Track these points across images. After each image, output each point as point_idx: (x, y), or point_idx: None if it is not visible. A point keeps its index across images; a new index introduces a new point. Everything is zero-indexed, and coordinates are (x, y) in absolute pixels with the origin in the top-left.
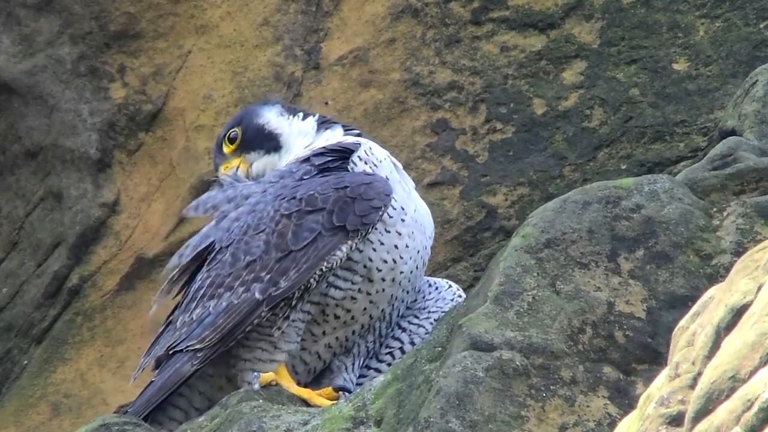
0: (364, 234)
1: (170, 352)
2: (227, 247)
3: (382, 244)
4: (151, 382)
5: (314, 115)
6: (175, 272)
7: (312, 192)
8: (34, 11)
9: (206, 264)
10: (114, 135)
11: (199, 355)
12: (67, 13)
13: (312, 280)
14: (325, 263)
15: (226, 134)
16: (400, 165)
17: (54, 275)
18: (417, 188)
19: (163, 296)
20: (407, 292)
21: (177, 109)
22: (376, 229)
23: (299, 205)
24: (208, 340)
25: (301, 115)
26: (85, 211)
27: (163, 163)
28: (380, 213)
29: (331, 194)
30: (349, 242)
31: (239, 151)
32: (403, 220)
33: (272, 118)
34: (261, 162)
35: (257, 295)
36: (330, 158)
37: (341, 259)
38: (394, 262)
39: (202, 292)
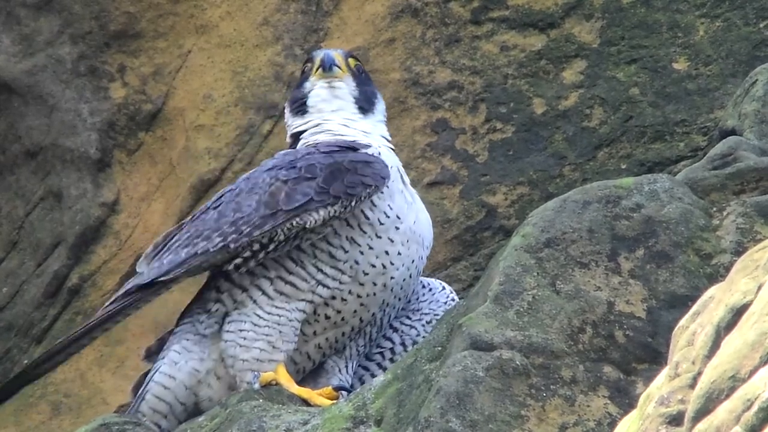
0: (346, 204)
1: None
2: (215, 208)
3: (371, 248)
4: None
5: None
6: (158, 238)
7: (313, 162)
8: (34, 11)
9: (187, 222)
10: (114, 135)
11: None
12: (67, 12)
13: (280, 230)
14: (297, 219)
15: (357, 55)
16: (407, 178)
17: (54, 275)
18: (417, 188)
19: (146, 260)
20: (399, 299)
21: (177, 108)
22: (365, 233)
23: (298, 173)
24: (172, 274)
25: (386, 129)
26: (85, 210)
27: (163, 163)
28: (368, 190)
29: (329, 161)
30: (329, 208)
31: (354, 75)
32: (397, 228)
33: (382, 102)
34: (348, 95)
35: (231, 245)
36: (337, 148)
37: (315, 221)
38: (384, 267)
39: (178, 243)
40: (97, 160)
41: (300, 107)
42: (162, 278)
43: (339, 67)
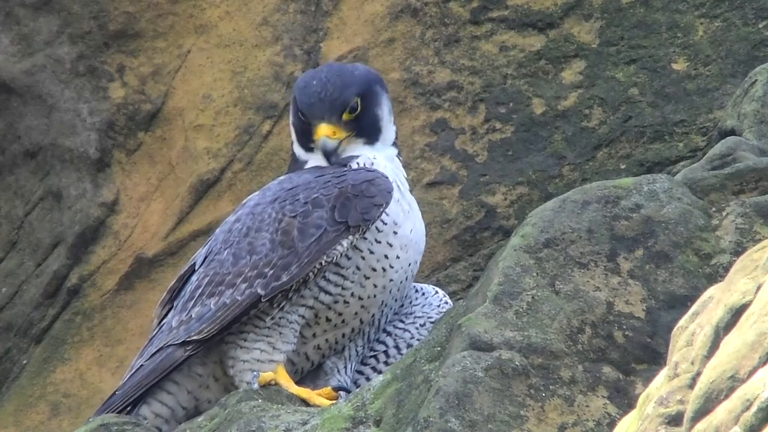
0: (365, 230)
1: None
2: (226, 248)
3: (371, 252)
4: (141, 366)
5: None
6: (173, 282)
7: (316, 195)
8: (32, 11)
9: (203, 265)
10: (113, 135)
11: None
12: (66, 12)
13: (311, 273)
14: (325, 257)
15: (348, 100)
16: (407, 186)
17: (53, 275)
18: (416, 188)
19: (161, 306)
20: (396, 300)
21: (176, 108)
22: (365, 239)
23: (305, 207)
24: (206, 331)
25: (395, 150)
26: (85, 210)
27: (162, 163)
28: (381, 209)
29: (335, 192)
30: (350, 237)
31: (353, 125)
32: (395, 233)
33: (386, 110)
34: (353, 146)
35: (260, 291)
36: (326, 165)
37: (341, 254)
38: (384, 270)
39: (200, 291)
40: (97, 160)
41: (307, 145)
42: (195, 337)
43: (339, 144)
